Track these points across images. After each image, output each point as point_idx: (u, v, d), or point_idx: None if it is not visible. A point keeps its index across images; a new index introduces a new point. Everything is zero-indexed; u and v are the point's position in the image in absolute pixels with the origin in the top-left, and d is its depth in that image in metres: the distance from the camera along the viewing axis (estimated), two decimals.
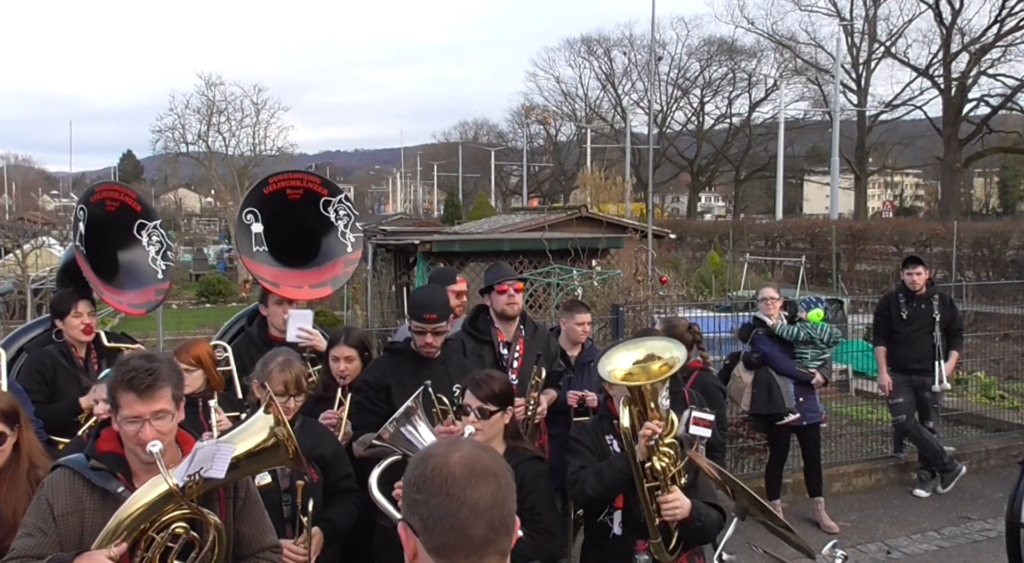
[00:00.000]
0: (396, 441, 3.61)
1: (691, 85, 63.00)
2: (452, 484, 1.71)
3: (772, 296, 7.50)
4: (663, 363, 3.70)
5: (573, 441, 4.09)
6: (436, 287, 5.30)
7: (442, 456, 1.76)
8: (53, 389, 5.08)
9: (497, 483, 1.75)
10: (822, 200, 61.02)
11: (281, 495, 3.95)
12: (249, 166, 43.35)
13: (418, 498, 1.73)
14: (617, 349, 3.89)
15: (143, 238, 5.83)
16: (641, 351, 3.79)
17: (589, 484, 3.80)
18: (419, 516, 1.72)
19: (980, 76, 44.95)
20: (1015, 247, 23.35)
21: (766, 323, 7.38)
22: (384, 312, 14.52)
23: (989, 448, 9.12)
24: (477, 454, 1.78)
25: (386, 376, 4.66)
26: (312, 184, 6.06)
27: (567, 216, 16.84)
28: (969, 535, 7.30)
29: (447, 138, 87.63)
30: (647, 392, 3.64)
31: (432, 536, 1.71)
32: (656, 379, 3.64)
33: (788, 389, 7.26)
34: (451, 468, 1.73)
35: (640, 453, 3.64)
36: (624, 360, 3.77)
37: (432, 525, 1.70)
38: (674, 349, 3.77)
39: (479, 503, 1.71)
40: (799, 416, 7.25)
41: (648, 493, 3.66)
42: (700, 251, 31.19)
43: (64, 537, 2.85)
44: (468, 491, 1.71)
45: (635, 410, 3.69)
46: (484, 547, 1.72)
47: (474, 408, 3.80)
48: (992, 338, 11.41)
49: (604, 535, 3.89)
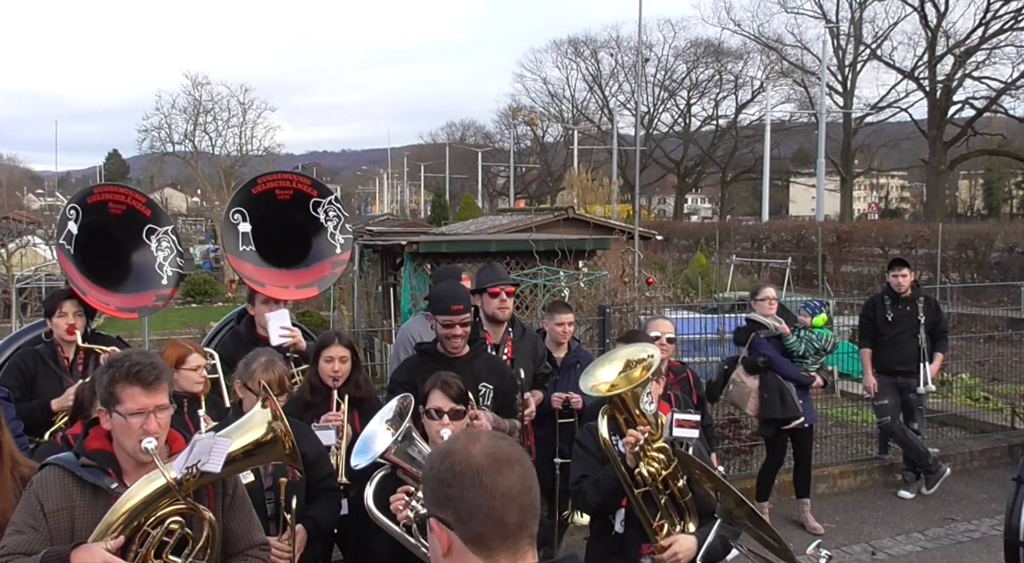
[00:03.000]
0: (402, 459, 3.62)
1: (678, 87, 63.13)
2: (482, 474, 1.76)
3: (772, 296, 7.34)
4: (642, 366, 3.71)
5: (577, 445, 4.10)
6: (453, 281, 5.31)
7: (464, 449, 1.80)
8: (31, 388, 5.05)
9: (522, 468, 1.81)
10: (808, 202, 61.22)
11: (264, 493, 3.99)
12: (236, 166, 43.26)
13: (450, 492, 1.76)
14: (597, 364, 3.89)
15: (152, 243, 5.81)
16: (618, 362, 3.80)
17: (589, 495, 3.85)
18: (453, 510, 1.76)
19: (965, 79, 45.23)
20: (999, 249, 23.49)
21: (765, 326, 7.23)
22: (370, 313, 14.50)
23: (973, 450, 9.16)
24: (496, 443, 1.83)
25: (413, 375, 4.66)
26: (302, 185, 6.07)
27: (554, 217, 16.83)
28: (953, 536, 7.33)
29: (434, 139, 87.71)
30: (628, 399, 3.64)
31: (469, 527, 1.75)
32: (636, 384, 3.65)
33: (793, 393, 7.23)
34: (477, 459, 1.78)
35: (628, 460, 3.65)
36: (607, 374, 3.77)
37: (468, 516, 1.75)
38: (648, 348, 3.80)
39: (510, 490, 1.76)
40: (803, 419, 7.21)
41: (641, 499, 3.67)
42: (686, 253, 31.28)
43: (55, 534, 2.86)
44: (499, 479, 1.76)
45: (621, 418, 3.70)
46: (519, 532, 1.78)
47: (447, 411, 3.78)
48: (976, 340, 11.48)
49: (607, 532, 3.92)
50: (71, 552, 2.75)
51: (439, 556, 1.81)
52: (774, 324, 7.22)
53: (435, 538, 1.81)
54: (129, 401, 2.88)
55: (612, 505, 3.84)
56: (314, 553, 4.24)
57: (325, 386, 4.77)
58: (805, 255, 27.74)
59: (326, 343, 4.88)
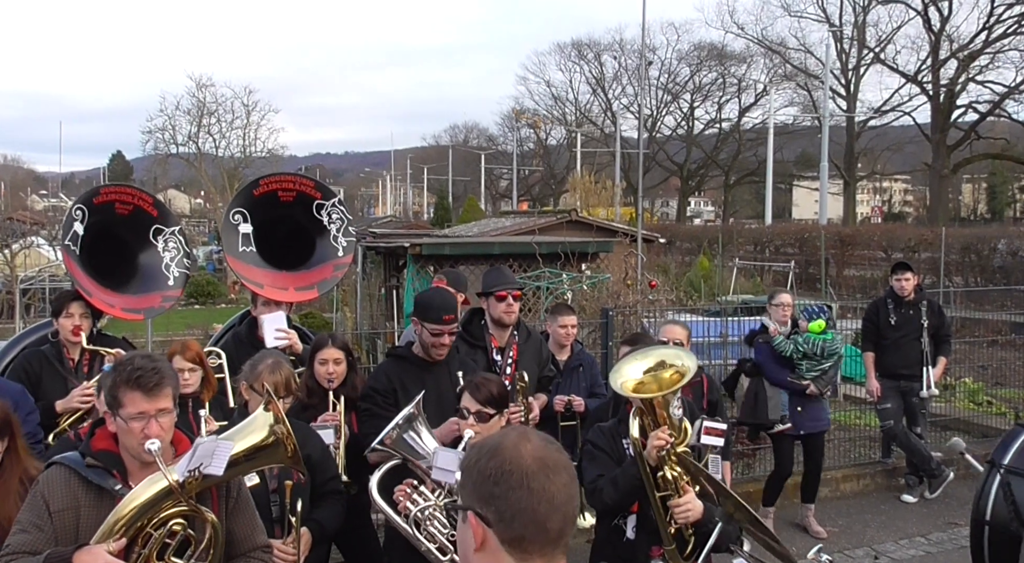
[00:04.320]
0: (398, 446, 3.63)
1: (681, 90, 63.07)
2: (532, 478, 1.75)
3: (786, 302, 7.34)
4: (675, 371, 3.70)
5: (591, 445, 4.10)
6: (442, 290, 5.30)
7: (514, 449, 1.79)
8: (36, 389, 5.01)
9: (569, 475, 1.80)
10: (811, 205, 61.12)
11: (269, 495, 4.00)
12: (239, 168, 43.37)
13: (495, 490, 1.75)
14: (627, 360, 3.88)
15: (158, 243, 5.80)
16: (651, 359, 3.79)
17: (607, 493, 3.83)
18: (495, 508, 1.75)
19: (968, 82, 45.10)
20: (1003, 253, 23.44)
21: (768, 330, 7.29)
22: (373, 315, 14.49)
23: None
24: (545, 447, 1.82)
25: (392, 381, 4.67)
26: (305, 187, 6.06)
27: (557, 220, 16.84)
28: (956, 540, 7.30)
29: (437, 141, 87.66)
30: (659, 402, 3.64)
31: (510, 528, 1.74)
32: (667, 389, 3.64)
33: (781, 398, 7.20)
34: (527, 461, 1.77)
35: (651, 460, 3.65)
36: (634, 370, 3.76)
37: (511, 518, 1.74)
38: (684, 357, 3.78)
39: (556, 496, 1.76)
40: (790, 425, 7.18)
41: (660, 502, 3.67)
42: (689, 256, 31.23)
43: (60, 534, 2.87)
44: (548, 485, 1.75)
45: (647, 420, 3.69)
46: (558, 539, 1.78)
47: (472, 411, 3.80)
48: (980, 344, 11.46)
49: (618, 538, 3.91)
50: (73, 554, 2.75)
51: (469, 550, 1.80)
52: (772, 325, 7.25)
53: (468, 531, 1.79)
54: (130, 405, 2.90)
55: (628, 504, 3.84)
56: (318, 556, 4.25)
57: (322, 388, 4.80)
58: (808, 258, 27.70)
59: (320, 345, 4.90)
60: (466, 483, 1.83)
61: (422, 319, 4.72)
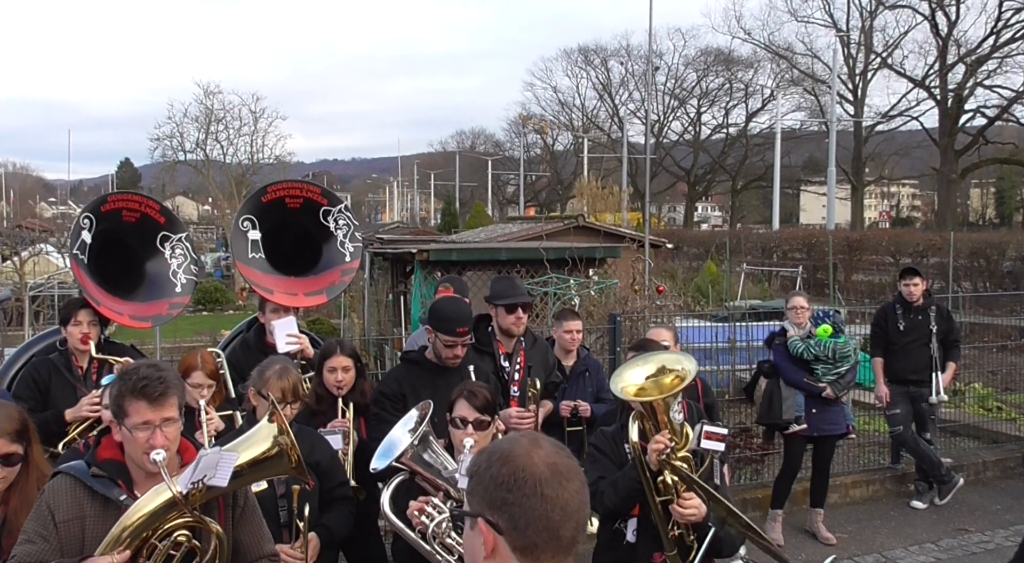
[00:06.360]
0: (417, 464, 3.62)
1: (688, 95, 63.13)
2: (545, 485, 1.74)
3: (802, 305, 7.38)
4: (675, 376, 3.68)
5: (593, 449, 4.11)
6: (457, 300, 5.32)
7: (526, 455, 1.77)
8: (45, 397, 5.03)
9: (581, 483, 1.80)
10: (819, 210, 61.13)
11: (278, 500, 4.01)
12: (247, 174, 43.39)
13: (507, 497, 1.74)
14: (629, 365, 3.88)
15: (166, 250, 5.80)
16: (652, 365, 3.78)
17: (607, 496, 3.82)
18: (508, 515, 1.73)
19: (976, 87, 44.99)
20: (1012, 258, 23.36)
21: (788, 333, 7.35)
22: (381, 320, 14.51)
23: (986, 460, 9.12)
24: (557, 453, 1.81)
25: (402, 386, 4.70)
26: (312, 194, 6.07)
27: (564, 225, 16.81)
28: (967, 547, 7.29)
29: (444, 147, 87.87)
30: (659, 406, 3.63)
31: (522, 536, 1.73)
32: (668, 393, 3.64)
33: (796, 400, 7.22)
34: (540, 468, 1.75)
35: (651, 464, 3.64)
36: (636, 375, 3.76)
37: (524, 525, 1.73)
38: (684, 361, 3.77)
39: (569, 503, 1.75)
40: (806, 426, 7.20)
41: (661, 506, 3.66)
42: (697, 261, 31.22)
43: (65, 544, 2.86)
44: (561, 492, 1.74)
45: (648, 424, 3.69)
46: (570, 547, 1.77)
47: (471, 420, 3.78)
48: (989, 349, 11.43)
49: (618, 541, 3.91)
50: None
51: (479, 557, 1.78)
52: (791, 329, 7.30)
53: (477, 538, 1.77)
54: (135, 415, 2.89)
55: (628, 507, 3.83)
56: (326, 560, 4.24)
57: (331, 395, 4.81)
58: (816, 264, 27.66)
59: (329, 353, 4.91)
60: (476, 489, 1.80)
61: (437, 329, 4.75)
